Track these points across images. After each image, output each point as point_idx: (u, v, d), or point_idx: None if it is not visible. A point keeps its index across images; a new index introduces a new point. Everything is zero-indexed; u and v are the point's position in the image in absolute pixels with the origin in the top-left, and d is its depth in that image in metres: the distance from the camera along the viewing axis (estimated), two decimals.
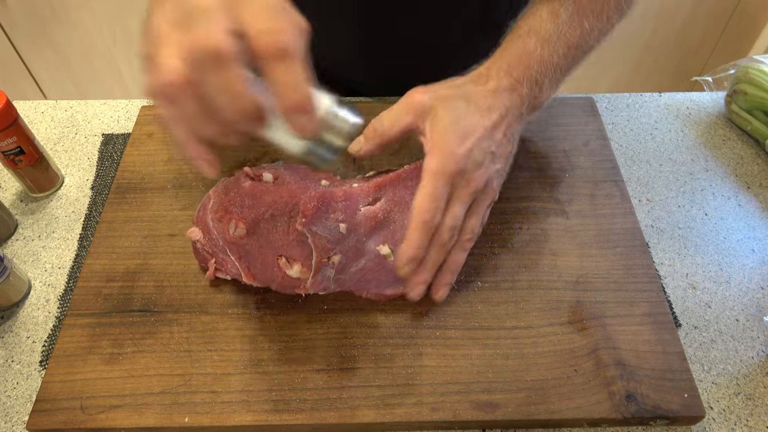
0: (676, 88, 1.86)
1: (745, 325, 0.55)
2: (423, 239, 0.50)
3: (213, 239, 0.53)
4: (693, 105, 0.75)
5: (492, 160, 0.52)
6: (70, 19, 1.64)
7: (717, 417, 0.50)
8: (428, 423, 0.47)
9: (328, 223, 0.50)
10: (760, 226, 0.62)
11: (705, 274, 0.58)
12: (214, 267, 0.53)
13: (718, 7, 1.65)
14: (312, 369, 0.50)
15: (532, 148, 0.66)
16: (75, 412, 0.47)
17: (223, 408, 0.48)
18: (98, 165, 0.68)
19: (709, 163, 0.68)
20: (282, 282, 0.51)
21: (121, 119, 0.74)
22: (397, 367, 0.50)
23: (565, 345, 0.51)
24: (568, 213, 0.60)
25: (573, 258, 0.57)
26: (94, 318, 0.53)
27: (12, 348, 0.54)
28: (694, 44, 1.74)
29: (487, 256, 0.57)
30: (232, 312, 0.53)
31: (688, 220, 0.63)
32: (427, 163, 0.50)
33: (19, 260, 0.60)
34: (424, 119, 0.52)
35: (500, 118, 0.53)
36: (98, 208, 0.64)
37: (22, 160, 0.61)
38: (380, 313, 0.53)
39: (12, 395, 0.51)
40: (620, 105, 0.75)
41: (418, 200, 0.50)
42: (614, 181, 0.63)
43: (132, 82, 1.83)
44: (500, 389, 0.48)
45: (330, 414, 0.47)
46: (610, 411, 0.47)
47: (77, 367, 0.50)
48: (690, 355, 0.53)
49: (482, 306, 0.53)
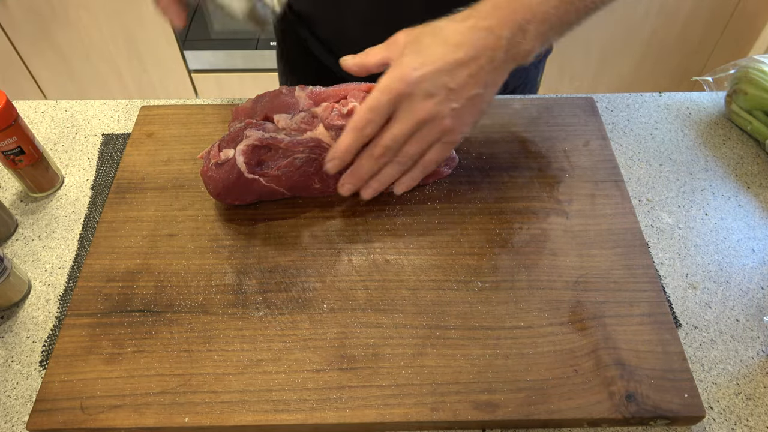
0: (676, 88, 1.86)
1: (745, 325, 0.55)
2: (350, 144, 0.54)
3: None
4: (693, 105, 0.75)
5: (447, 96, 0.52)
6: (70, 19, 1.64)
7: (717, 417, 0.50)
8: (428, 423, 0.47)
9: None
10: (760, 226, 0.62)
11: (705, 274, 0.58)
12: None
13: (718, 7, 1.65)
14: (312, 369, 0.50)
15: (532, 148, 0.66)
16: (75, 412, 0.47)
17: (223, 408, 0.48)
18: (98, 165, 0.68)
19: (709, 163, 0.68)
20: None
21: (121, 119, 0.74)
22: (397, 367, 0.50)
23: (565, 345, 0.51)
24: (568, 213, 0.60)
25: (573, 258, 0.57)
26: (94, 318, 0.53)
27: (12, 348, 0.54)
28: (694, 44, 1.74)
29: (487, 256, 0.57)
30: (232, 312, 0.53)
31: (688, 220, 0.63)
32: (378, 80, 0.53)
33: (19, 260, 0.60)
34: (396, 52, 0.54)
35: (468, 57, 0.51)
36: (98, 208, 0.64)
37: (22, 160, 0.61)
38: (380, 313, 0.53)
39: (12, 395, 0.51)
40: (620, 105, 0.75)
41: (358, 108, 0.54)
42: (614, 181, 0.63)
43: (132, 82, 1.83)
44: (500, 389, 0.48)
45: (330, 414, 0.47)
46: (610, 411, 0.47)
47: (77, 367, 0.50)
48: (690, 355, 0.53)
49: (482, 306, 0.53)
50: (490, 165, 0.64)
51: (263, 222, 0.60)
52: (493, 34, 0.51)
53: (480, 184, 0.63)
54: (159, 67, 1.78)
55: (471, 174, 0.64)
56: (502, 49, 0.52)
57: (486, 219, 0.60)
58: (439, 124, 0.53)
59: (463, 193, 0.62)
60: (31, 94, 1.85)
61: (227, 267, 0.56)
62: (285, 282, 0.55)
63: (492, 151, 0.66)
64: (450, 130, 0.54)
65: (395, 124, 0.53)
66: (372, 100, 0.53)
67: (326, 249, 0.58)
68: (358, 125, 0.53)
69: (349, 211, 0.60)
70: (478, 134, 0.67)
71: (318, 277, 0.55)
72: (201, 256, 0.57)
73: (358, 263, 0.56)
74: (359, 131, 0.54)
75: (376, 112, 0.53)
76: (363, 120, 0.53)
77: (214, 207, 0.61)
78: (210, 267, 0.56)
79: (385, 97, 0.52)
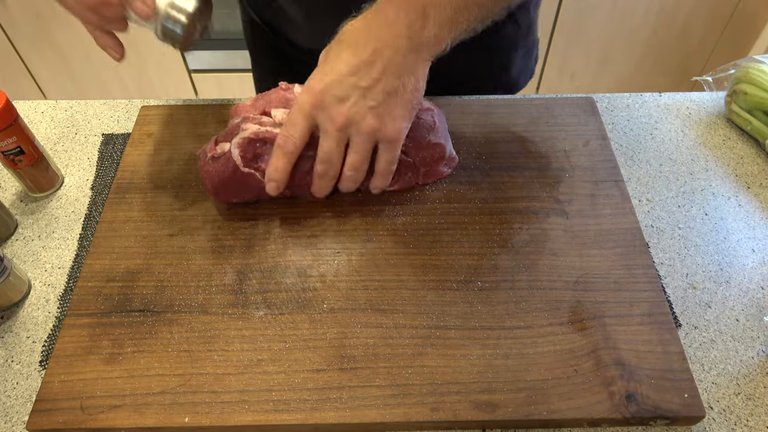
0: (676, 88, 1.86)
1: (745, 325, 0.55)
2: (279, 164, 0.55)
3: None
4: (693, 105, 0.75)
5: (362, 96, 0.52)
6: (70, 19, 1.64)
7: (717, 417, 0.50)
8: (428, 423, 0.47)
9: None
10: (760, 226, 0.62)
11: (705, 274, 0.58)
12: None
13: (718, 7, 1.65)
14: (312, 369, 0.50)
15: (532, 148, 0.66)
16: (75, 412, 0.47)
17: (223, 408, 0.48)
18: (98, 165, 0.68)
19: (709, 163, 0.68)
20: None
21: (121, 119, 0.74)
22: (397, 367, 0.50)
23: (565, 345, 0.51)
24: (568, 213, 0.60)
25: (573, 258, 0.57)
26: (94, 318, 0.53)
27: (12, 348, 0.54)
28: (694, 44, 1.74)
29: (487, 256, 0.57)
30: (232, 312, 0.53)
31: (688, 220, 0.63)
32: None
33: (19, 260, 0.60)
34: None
35: (370, 53, 0.51)
36: (98, 208, 0.64)
37: (22, 160, 0.61)
38: (380, 313, 0.53)
39: (12, 395, 0.51)
40: (620, 105, 0.75)
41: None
42: (614, 181, 0.63)
43: (132, 82, 1.83)
44: (500, 389, 0.48)
45: (330, 414, 0.47)
46: (610, 411, 0.47)
47: (77, 367, 0.50)
48: (690, 355, 0.53)
49: (482, 306, 0.53)
50: (490, 165, 0.64)
51: (263, 222, 0.60)
52: (389, 22, 0.51)
53: (480, 184, 0.63)
54: (159, 67, 1.78)
55: (471, 174, 0.64)
56: (403, 36, 0.51)
57: (486, 219, 0.60)
58: (364, 125, 0.53)
59: (463, 193, 0.62)
60: (31, 94, 1.85)
61: (227, 267, 0.56)
62: (285, 282, 0.55)
63: (492, 151, 0.66)
64: (378, 128, 0.53)
65: (322, 139, 0.54)
66: (288, 120, 0.54)
67: (326, 249, 0.58)
68: (280, 143, 0.55)
69: (349, 211, 0.60)
70: (478, 134, 0.67)
71: (318, 277, 0.55)
72: (201, 256, 0.57)
73: (358, 263, 0.56)
74: (282, 149, 0.55)
75: (292, 128, 0.54)
76: (282, 138, 0.55)
77: (214, 207, 0.61)
78: (210, 267, 0.56)
79: (298, 113, 0.54)
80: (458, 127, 0.67)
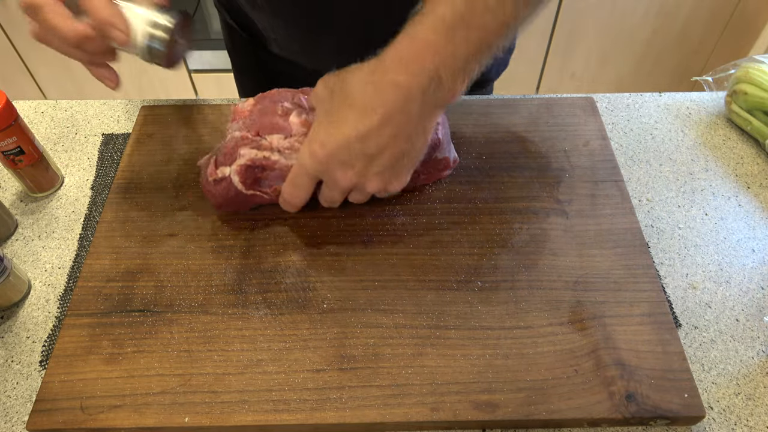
0: (676, 88, 1.86)
1: (745, 325, 0.55)
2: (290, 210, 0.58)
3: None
4: (693, 105, 0.75)
5: (369, 162, 0.50)
6: None
7: (717, 417, 0.50)
8: (428, 423, 0.47)
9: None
10: (760, 226, 0.62)
11: (705, 274, 0.58)
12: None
13: (718, 7, 1.65)
14: (312, 369, 0.50)
15: (532, 148, 0.66)
16: (75, 412, 0.47)
17: (223, 408, 0.48)
18: (98, 165, 0.68)
19: (709, 163, 0.68)
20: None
21: (121, 119, 0.74)
22: (397, 367, 0.50)
23: (565, 345, 0.51)
24: (568, 213, 0.60)
25: (573, 258, 0.57)
26: (94, 318, 0.53)
27: (12, 348, 0.54)
28: (694, 44, 1.75)
29: (487, 256, 0.57)
30: (232, 312, 0.53)
31: (688, 220, 0.63)
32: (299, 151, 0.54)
33: (19, 260, 0.60)
34: (318, 107, 0.53)
35: (380, 119, 0.47)
36: (98, 208, 0.64)
37: (22, 160, 0.61)
38: (380, 313, 0.53)
39: (12, 395, 0.51)
40: (620, 105, 0.75)
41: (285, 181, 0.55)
42: (614, 181, 0.63)
43: (132, 82, 1.83)
44: (500, 389, 0.48)
45: (330, 414, 0.47)
46: (610, 411, 0.47)
47: (77, 367, 0.50)
48: (690, 355, 0.53)
49: (482, 306, 0.53)
50: (490, 165, 0.64)
51: (263, 222, 0.60)
52: (401, 89, 0.47)
53: (480, 184, 0.63)
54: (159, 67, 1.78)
55: (471, 174, 0.64)
56: (417, 101, 0.47)
57: (486, 219, 0.60)
58: (369, 187, 0.53)
59: (463, 193, 0.62)
60: (31, 94, 1.85)
61: (227, 267, 0.56)
62: (285, 282, 0.55)
63: (492, 151, 0.66)
64: (383, 188, 0.53)
65: (326, 189, 0.55)
66: (292, 175, 0.54)
67: (326, 249, 0.58)
68: (286, 199, 0.56)
69: (350, 211, 0.60)
70: (478, 134, 0.67)
71: (318, 277, 0.55)
72: (201, 256, 0.57)
73: (358, 263, 0.56)
74: (289, 204, 0.57)
75: (297, 189, 0.55)
76: (288, 194, 0.56)
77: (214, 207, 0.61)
78: (210, 267, 0.56)
79: (303, 175, 0.54)
80: (458, 127, 0.67)
